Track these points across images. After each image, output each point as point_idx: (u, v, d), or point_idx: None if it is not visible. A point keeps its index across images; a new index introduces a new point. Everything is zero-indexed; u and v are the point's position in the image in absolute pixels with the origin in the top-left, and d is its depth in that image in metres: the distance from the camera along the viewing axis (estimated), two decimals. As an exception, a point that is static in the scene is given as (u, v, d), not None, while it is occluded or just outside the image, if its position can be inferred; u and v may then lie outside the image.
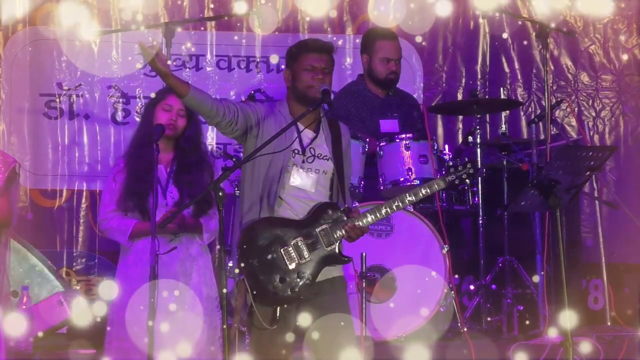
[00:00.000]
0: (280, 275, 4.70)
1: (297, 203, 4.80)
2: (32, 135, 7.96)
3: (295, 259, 4.72)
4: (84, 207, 7.98)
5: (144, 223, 5.48)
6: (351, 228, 4.74)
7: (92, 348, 6.27)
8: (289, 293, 4.70)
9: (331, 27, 8.24)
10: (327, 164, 4.86)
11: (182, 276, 5.46)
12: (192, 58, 8.14)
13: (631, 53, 8.46)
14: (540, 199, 5.40)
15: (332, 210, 4.78)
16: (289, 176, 4.80)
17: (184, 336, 5.39)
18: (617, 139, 8.42)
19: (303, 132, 4.84)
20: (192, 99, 4.72)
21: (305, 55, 4.86)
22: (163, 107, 5.54)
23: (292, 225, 4.76)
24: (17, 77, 7.99)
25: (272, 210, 4.77)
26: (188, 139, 5.58)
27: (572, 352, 5.11)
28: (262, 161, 4.79)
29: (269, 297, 4.70)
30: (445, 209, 6.84)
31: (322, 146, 4.89)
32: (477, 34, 8.41)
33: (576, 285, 7.27)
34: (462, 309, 6.68)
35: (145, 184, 5.44)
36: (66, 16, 7.96)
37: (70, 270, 7.90)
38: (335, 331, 4.76)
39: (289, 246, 4.72)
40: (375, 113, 7.13)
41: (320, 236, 4.75)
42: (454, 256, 6.47)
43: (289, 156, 4.80)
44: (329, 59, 4.87)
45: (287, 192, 4.80)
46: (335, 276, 4.84)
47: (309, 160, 4.84)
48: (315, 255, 4.74)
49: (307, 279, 4.72)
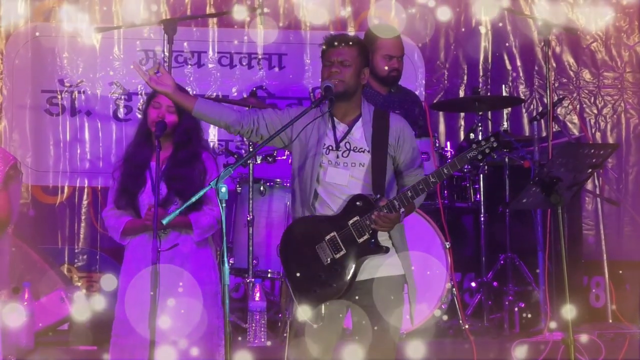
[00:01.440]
0: (318, 272, 4.72)
1: (333, 199, 4.80)
2: (34, 132, 7.96)
3: (330, 254, 4.73)
4: (85, 203, 7.98)
5: (135, 220, 5.49)
6: (378, 216, 4.70)
7: (94, 344, 6.27)
8: (328, 289, 4.71)
9: (333, 24, 8.24)
10: (364, 156, 4.83)
11: (171, 274, 5.42)
12: (194, 55, 8.14)
13: (633, 50, 8.46)
14: (542, 197, 5.39)
15: (362, 201, 4.75)
16: (323, 172, 4.81)
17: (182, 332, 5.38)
18: (619, 137, 8.41)
19: (337, 127, 4.86)
20: (199, 113, 4.81)
21: (325, 51, 4.89)
22: (153, 104, 5.55)
23: (325, 221, 4.77)
24: (19, 74, 7.99)
25: (311, 207, 4.81)
26: (179, 134, 5.56)
27: (573, 350, 5.11)
28: (296, 159, 4.87)
29: (309, 295, 4.73)
30: (447, 206, 6.84)
31: (359, 139, 4.86)
32: (479, 32, 8.41)
33: (578, 282, 7.27)
34: (464, 306, 6.68)
35: (136, 182, 5.47)
36: (68, 13, 7.97)
37: (71, 266, 7.91)
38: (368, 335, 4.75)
39: (323, 242, 4.74)
40: (377, 110, 7.12)
41: (353, 229, 4.73)
42: (455, 253, 6.47)
43: (322, 153, 4.82)
44: (346, 51, 4.84)
45: (323, 189, 4.81)
46: (380, 276, 4.79)
47: (344, 154, 4.83)
48: (350, 248, 4.72)
49: (345, 273, 4.71)
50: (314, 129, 4.84)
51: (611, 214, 8.19)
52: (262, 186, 6.86)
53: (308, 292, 4.73)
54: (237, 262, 6.84)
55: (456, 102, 7.94)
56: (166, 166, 5.52)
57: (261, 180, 6.89)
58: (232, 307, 6.70)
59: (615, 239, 8.18)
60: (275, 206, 6.83)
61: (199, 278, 5.49)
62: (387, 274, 4.80)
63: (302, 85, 8.13)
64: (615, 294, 7.01)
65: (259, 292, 6.32)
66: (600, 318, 7.01)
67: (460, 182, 7.00)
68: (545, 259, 6.65)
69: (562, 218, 5.24)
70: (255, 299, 6.32)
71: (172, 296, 5.39)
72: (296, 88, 8.18)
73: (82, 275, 7.91)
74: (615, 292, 7.03)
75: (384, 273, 4.79)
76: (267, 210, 6.88)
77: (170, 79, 4.77)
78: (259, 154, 6.76)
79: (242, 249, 6.83)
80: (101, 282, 7.57)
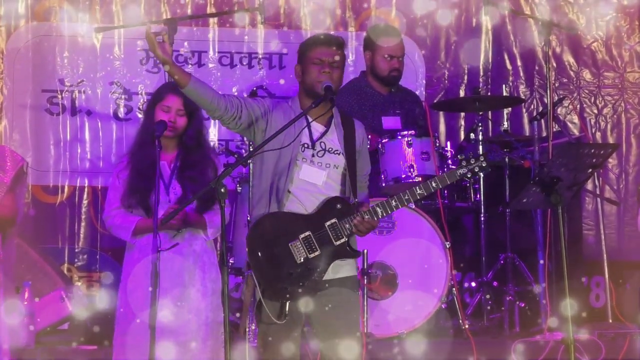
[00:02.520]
0: (288, 270, 4.70)
1: (306, 197, 4.78)
2: (34, 131, 7.96)
3: (304, 253, 4.71)
4: (85, 203, 7.99)
5: (147, 220, 5.48)
6: (360, 222, 4.72)
7: (94, 344, 6.28)
8: (297, 287, 4.70)
9: (334, 24, 8.24)
10: (339, 159, 4.84)
11: (186, 272, 5.46)
12: (194, 54, 8.14)
13: (633, 50, 8.46)
14: (542, 196, 5.40)
15: (341, 204, 4.76)
16: (297, 170, 4.78)
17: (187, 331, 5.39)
18: (619, 136, 8.42)
19: (313, 126, 4.84)
20: (192, 90, 4.70)
21: (314, 49, 4.84)
22: (162, 107, 5.54)
23: (300, 219, 4.75)
24: (20, 73, 7.99)
25: (281, 204, 4.76)
26: (190, 137, 5.57)
27: (573, 350, 5.11)
28: (271, 155, 4.79)
29: (276, 291, 4.71)
30: (447, 206, 6.84)
31: (334, 140, 4.87)
32: (479, 31, 8.41)
33: (578, 282, 7.27)
34: (464, 305, 6.68)
35: (148, 181, 5.43)
36: (68, 12, 7.97)
37: (71, 266, 7.91)
38: (339, 331, 4.76)
39: (297, 240, 4.72)
40: (378, 110, 7.13)
41: (329, 230, 4.73)
42: (455, 253, 6.47)
43: (298, 150, 4.79)
44: (338, 52, 4.83)
45: (296, 186, 4.78)
46: (346, 276, 4.83)
47: (319, 154, 4.83)
48: (325, 249, 4.72)
49: (316, 274, 4.71)
50: (290, 126, 4.78)
51: (611, 214, 8.20)
52: (262, 186, 6.85)
53: (276, 288, 4.71)
54: (237, 261, 6.84)
55: (456, 102, 7.95)
56: (177, 167, 5.53)
57: (261, 180, 6.88)
58: (231, 306, 6.69)
59: (616, 238, 8.19)
60: (276, 206, 6.82)
61: (210, 277, 5.51)
62: (349, 273, 4.84)
63: (303, 85, 8.12)
64: (616, 293, 7.01)
65: (259, 291, 6.31)
66: (601, 318, 7.01)
67: (461, 181, 7.00)
68: (546, 259, 6.66)
69: (562, 218, 5.25)
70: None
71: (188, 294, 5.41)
72: (296, 88, 8.14)
73: (82, 274, 7.91)
74: (616, 291, 7.03)
75: (346, 273, 4.83)
76: (267, 209, 6.87)
77: (170, 48, 4.67)
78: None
79: (242, 248, 6.82)
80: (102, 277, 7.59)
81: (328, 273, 4.75)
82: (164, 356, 5.21)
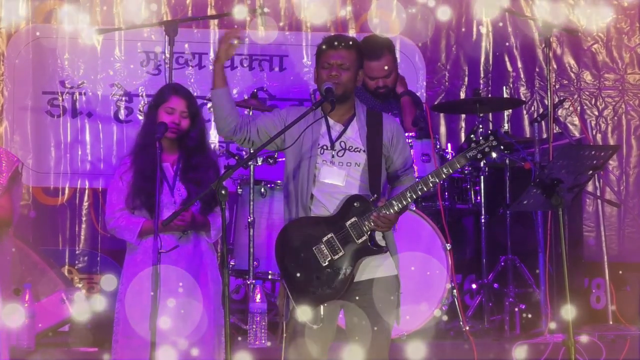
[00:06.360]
0: (316, 274, 4.73)
1: (329, 199, 4.79)
2: (35, 133, 7.97)
3: (329, 256, 4.73)
4: (86, 205, 7.99)
5: (152, 221, 5.48)
6: (377, 217, 4.70)
7: (94, 346, 6.28)
8: (327, 290, 4.72)
9: (334, 26, 8.24)
10: (360, 156, 4.84)
11: (191, 273, 5.46)
12: (195, 56, 8.15)
13: (634, 52, 8.46)
14: (543, 198, 5.39)
15: (359, 201, 4.75)
16: (318, 172, 4.80)
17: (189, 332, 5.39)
18: (619, 138, 8.42)
19: (333, 126, 4.86)
20: (222, 95, 4.85)
21: (322, 54, 4.87)
22: (165, 109, 5.53)
23: (322, 222, 4.76)
24: (20, 75, 7.99)
25: (307, 208, 4.79)
26: (193, 138, 5.57)
27: (573, 351, 5.11)
28: (291, 161, 4.86)
29: (308, 296, 4.73)
30: (448, 208, 6.84)
31: (355, 138, 4.86)
32: (480, 33, 8.41)
33: (578, 284, 7.27)
34: (464, 307, 6.67)
35: (152, 182, 5.42)
36: (69, 14, 7.97)
37: (72, 268, 7.91)
38: (367, 335, 4.75)
39: (320, 244, 4.73)
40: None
41: (350, 229, 4.73)
42: (456, 255, 6.47)
43: (317, 153, 4.81)
44: (346, 54, 4.84)
45: (319, 189, 4.81)
46: (380, 276, 4.80)
47: (339, 154, 4.83)
48: (348, 249, 4.73)
49: (344, 274, 4.71)
50: (308, 131, 4.83)
51: (612, 216, 8.20)
52: (263, 188, 6.86)
53: (306, 293, 4.73)
54: (237, 263, 6.84)
55: (457, 104, 7.95)
56: (180, 168, 5.53)
57: (262, 181, 6.89)
58: (232, 308, 6.70)
59: (616, 240, 8.19)
60: (276, 208, 6.82)
61: (213, 278, 5.51)
62: (386, 274, 4.81)
63: (303, 87, 8.13)
64: (616, 295, 7.01)
65: (259, 293, 6.32)
66: (601, 320, 7.01)
67: (461, 183, 7.00)
68: (546, 261, 6.66)
69: (562, 220, 5.24)
70: (255, 300, 6.32)
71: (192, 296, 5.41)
72: (297, 89, 8.18)
73: (82, 276, 7.92)
74: (616, 293, 7.03)
75: (383, 273, 4.80)
76: (267, 211, 6.88)
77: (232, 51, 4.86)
78: (259, 156, 6.76)
79: (243, 250, 6.83)
80: (101, 283, 7.58)
81: (362, 274, 4.76)
82: (165, 359, 5.21)
